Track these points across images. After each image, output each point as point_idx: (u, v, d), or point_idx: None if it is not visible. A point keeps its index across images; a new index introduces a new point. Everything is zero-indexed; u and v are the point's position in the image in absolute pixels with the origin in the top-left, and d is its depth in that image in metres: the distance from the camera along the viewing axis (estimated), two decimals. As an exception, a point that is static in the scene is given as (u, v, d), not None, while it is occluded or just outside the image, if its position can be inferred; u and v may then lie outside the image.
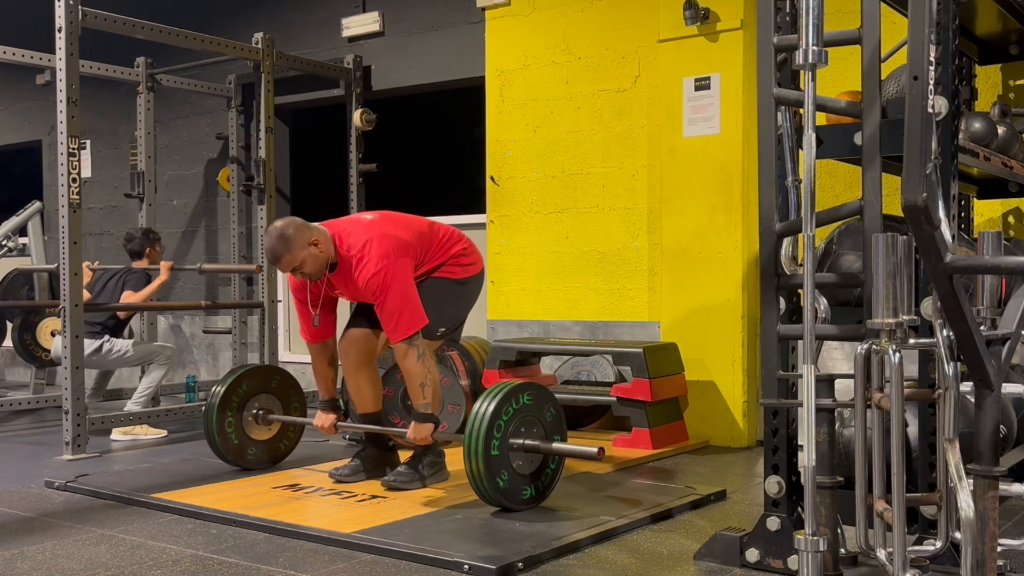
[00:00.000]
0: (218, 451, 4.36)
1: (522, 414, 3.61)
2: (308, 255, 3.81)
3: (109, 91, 7.59)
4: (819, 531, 2.39)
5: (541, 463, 3.68)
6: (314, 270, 3.86)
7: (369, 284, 3.79)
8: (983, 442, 2.15)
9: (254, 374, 4.53)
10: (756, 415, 5.09)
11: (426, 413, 3.88)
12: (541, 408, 3.70)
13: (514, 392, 3.61)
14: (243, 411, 4.40)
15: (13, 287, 6.95)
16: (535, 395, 3.68)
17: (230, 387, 4.38)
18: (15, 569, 2.99)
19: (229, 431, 4.35)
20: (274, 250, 3.79)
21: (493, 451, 3.50)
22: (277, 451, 4.55)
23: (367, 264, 3.80)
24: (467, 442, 3.50)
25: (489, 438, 3.49)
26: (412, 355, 3.82)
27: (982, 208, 4.81)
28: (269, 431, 4.51)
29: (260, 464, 4.48)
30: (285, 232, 3.79)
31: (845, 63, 4.25)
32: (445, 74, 6.50)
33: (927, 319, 2.65)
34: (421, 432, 3.88)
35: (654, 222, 5.50)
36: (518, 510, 3.58)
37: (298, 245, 3.79)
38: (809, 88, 2.44)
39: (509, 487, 3.54)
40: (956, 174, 2.87)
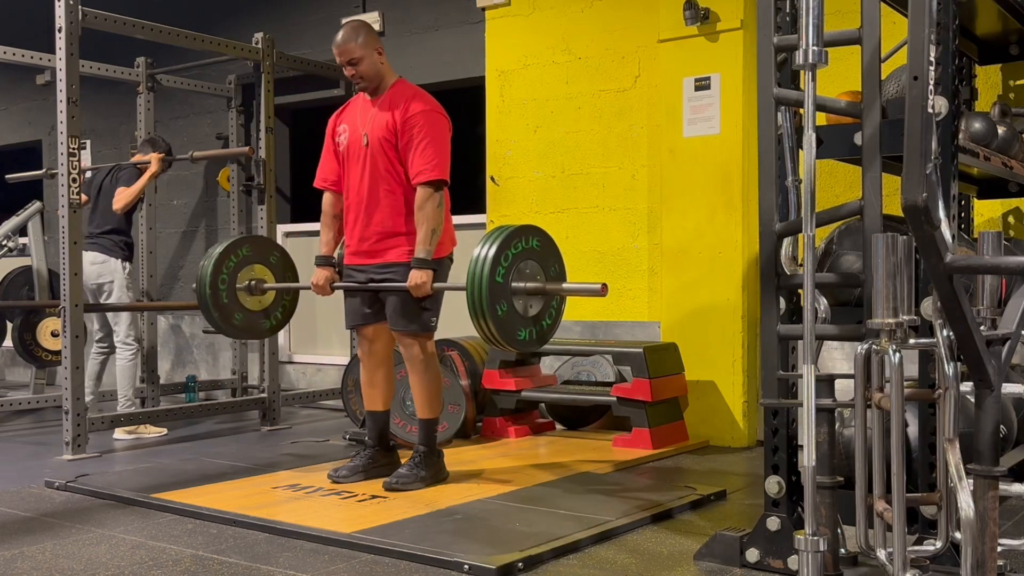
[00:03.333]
0: (206, 305, 4.21)
1: (529, 256, 3.61)
2: (369, 56, 3.94)
3: (109, 91, 7.59)
4: (819, 531, 2.40)
5: (539, 311, 3.65)
6: (367, 72, 3.95)
7: (418, 116, 3.89)
8: (983, 442, 2.15)
9: (257, 242, 4.43)
10: (756, 415, 5.09)
11: (428, 259, 3.86)
12: (547, 259, 3.68)
13: (525, 232, 3.62)
14: (238, 273, 4.28)
15: (13, 287, 6.95)
16: (544, 243, 3.68)
17: (231, 246, 4.27)
18: (15, 569, 2.99)
19: (221, 288, 4.21)
20: (344, 35, 3.95)
21: (498, 278, 3.47)
22: (260, 327, 4.43)
23: (424, 100, 3.94)
24: (472, 265, 3.46)
25: (496, 264, 3.46)
26: (435, 200, 3.87)
27: (982, 208, 4.81)
28: (259, 303, 4.39)
29: (242, 334, 4.40)
30: (360, 28, 3.99)
31: (845, 63, 4.25)
32: (445, 74, 6.50)
33: (927, 319, 2.65)
34: (421, 277, 3.84)
35: (654, 222, 5.50)
36: (512, 347, 3.57)
37: (368, 43, 3.94)
38: (809, 88, 2.44)
39: (506, 319, 3.50)
40: (956, 174, 2.87)
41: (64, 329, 4.91)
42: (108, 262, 5.57)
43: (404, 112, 3.90)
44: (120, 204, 5.61)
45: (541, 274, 3.65)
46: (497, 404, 5.25)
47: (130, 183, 5.69)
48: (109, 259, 5.57)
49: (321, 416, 6.44)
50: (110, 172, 5.82)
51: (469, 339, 5.48)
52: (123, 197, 5.62)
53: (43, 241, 6.77)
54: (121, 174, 5.75)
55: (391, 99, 3.98)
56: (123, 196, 5.62)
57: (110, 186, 5.72)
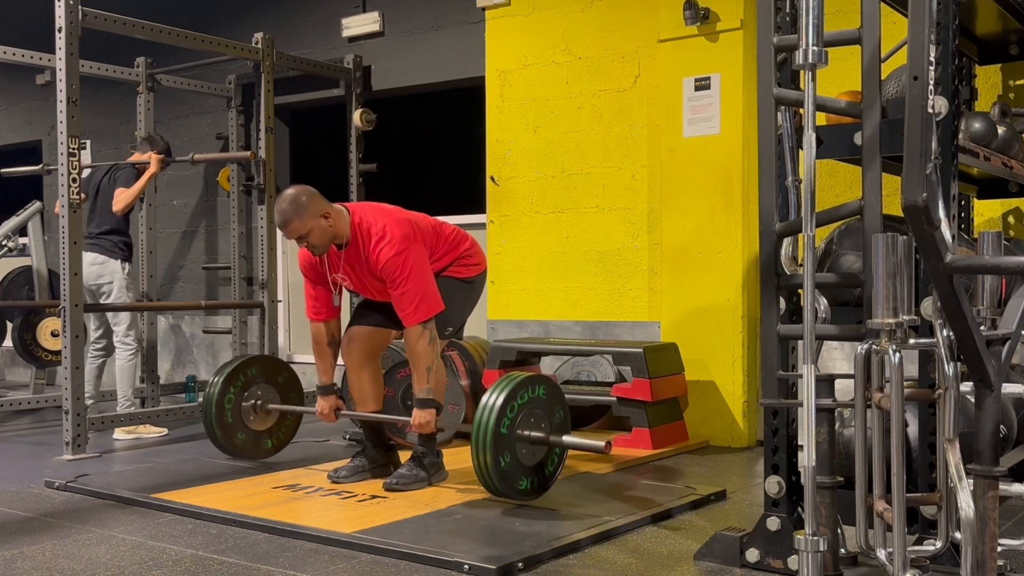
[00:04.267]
0: (210, 422, 4.28)
1: (534, 406, 3.63)
2: (317, 225, 3.79)
3: (109, 91, 7.59)
4: (819, 531, 2.40)
5: (542, 459, 3.68)
6: (320, 242, 3.84)
7: (388, 265, 3.79)
8: (983, 442, 2.15)
9: (266, 363, 4.50)
10: (756, 415, 5.09)
11: (429, 398, 3.88)
12: (552, 407, 3.71)
13: (532, 381, 3.64)
14: (245, 392, 4.35)
15: (13, 287, 6.95)
16: (550, 392, 3.71)
17: (241, 366, 4.34)
18: (15, 569, 2.99)
19: (227, 407, 4.29)
20: (284, 214, 3.78)
21: (503, 428, 3.49)
22: (263, 447, 4.53)
23: (387, 244, 3.80)
24: (479, 414, 3.49)
25: (501, 415, 3.48)
26: (425, 338, 3.83)
27: (982, 208, 4.81)
28: (262, 423, 4.48)
29: (243, 453, 4.46)
30: (299, 199, 3.79)
31: (845, 63, 4.25)
32: (445, 74, 6.50)
33: (927, 319, 2.65)
34: (424, 417, 3.87)
35: (654, 222, 5.50)
36: (511, 499, 3.59)
37: (309, 213, 3.78)
38: (809, 88, 2.44)
39: (508, 471, 3.54)
40: (956, 174, 2.87)
41: (64, 329, 4.91)
42: (107, 263, 5.57)
43: (376, 265, 3.85)
44: (120, 206, 5.60)
45: (546, 422, 3.69)
46: (497, 404, 5.24)
47: (129, 184, 5.66)
48: (108, 260, 5.56)
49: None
50: (108, 172, 5.80)
51: (469, 339, 5.48)
52: (123, 198, 5.60)
53: (43, 241, 6.77)
54: (119, 174, 5.73)
55: (359, 250, 3.89)
56: (123, 197, 5.60)
57: (108, 186, 5.70)
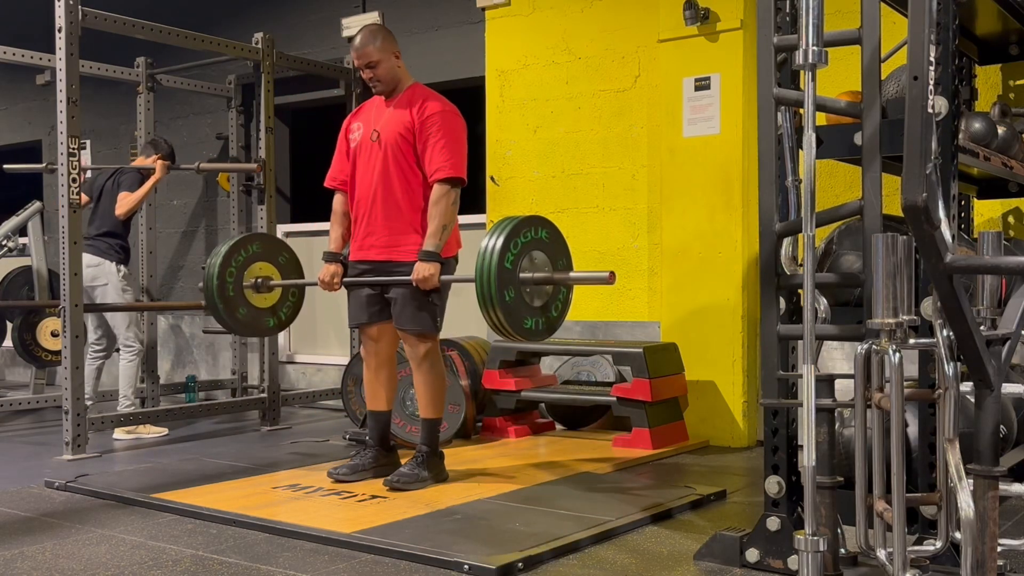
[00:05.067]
0: (211, 296, 4.21)
1: (537, 247, 3.62)
2: (387, 60, 4.00)
3: (109, 91, 7.59)
4: (819, 531, 2.40)
5: (547, 302, 3.66)
6: (384, 75, 4.01)
7: (435, 116, 3.93)
8: (983, 442, 2.15)
9: (266, 240, 4.43)
10: (756, 415, 5.09)
11: (435, 252, 3.86)
12: (555, 251, 3.69)
13: (533, 222, 3.64)
14: (246, 269, 4.29)
15: (13, 287, 6.95)
16: (552, 235, 3.70)
17: (241, 241, 4.27)
18: (15, 569, 2.99)
19: (229, 281, 4.22)
20: (363, 38, 3.99)
21: (507, 263, 3.47)
22: (264, 324, 4.42)
23: (442, 102, 3.99)
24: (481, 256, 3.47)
25: (505, 251, 3.47)
26: (449, 198, 3.91)
27: (982, 208, 4.81)
28: (264, 300, 4.38)
29: (245, 329, 4.40)
30: (378, 32, 4.05)
31: (845, 63, 4.25)
32: (445, 74, 6.49)
33: (927, 319, 2.65)
34: (427, 269, 3.84)
35: (654, 222, 5.50)
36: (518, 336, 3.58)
37: (386, 47, 4.00)
38: (809, 88, 2.44)
39: (513, 307, 3.51)
40: (956, 174, 2.87)
41: (64, 329, 4.91)
42: (103, 264, 5.56)
43: (421, 112, 3.94)
44: (123, 210, 5.61)
45: (549, 265, 3.67)
46: (497, 404, 5.25)
47: (133, 188, 5.67)
48: (104, 262, 5.55)
49: (321, 416, 6.44)
50: (112, 175, 5.80)
51: (469, 339, 5.48)
52: (127, 203, 5.60)
53: (43, 241, 6.77)
54: (123, 178, 5.73)
55: (408, 100, 4.02)
56: (127, 202, 5.61)
57: (112, 189, 5.70)
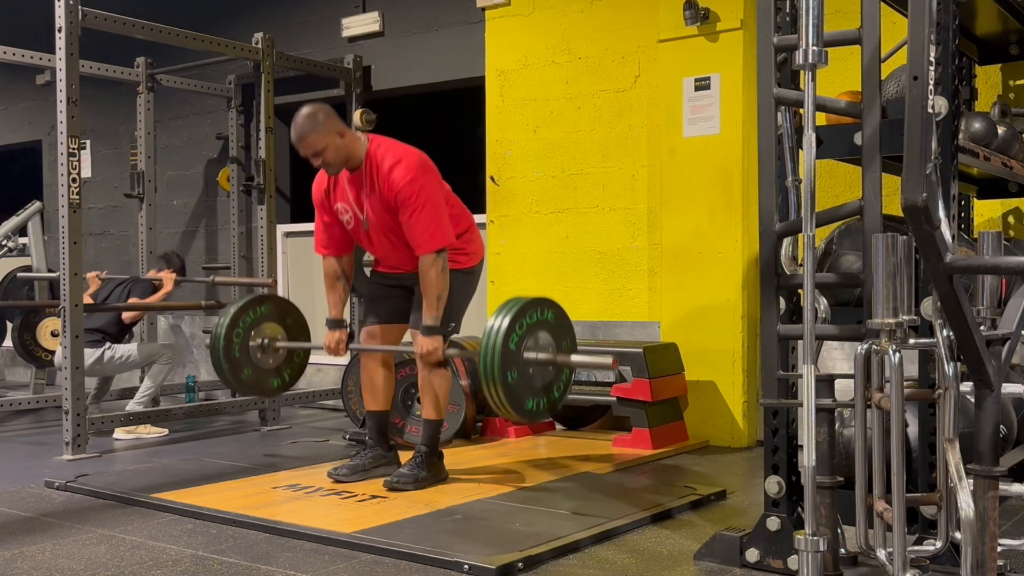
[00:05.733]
0: (217, 356, 4.22)
1: (542, 328, 3.62)
2: (332, 142, 3.82)
3: (109, 91, 7.58)
4: (819, 531, 2.40)
5: (549, 382, 3.67)
6: (335, 161, 3.86)
7: (404, 191, 3.80)
8: (983, 442, 2.15)
9: (275, 303, 4.46)
10: (756, 415, 5.09)
11: (437, 326, 3.87)
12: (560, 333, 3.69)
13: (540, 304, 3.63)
14: (253, 330, 4.31)
15: (13, 287, 6.95)
16: (557, 316, 3.69)
17: (250, 303, 4.28)
18: (15, 569, 2.99)
19: (235, 341, 4.25)
20: (301, 128, 3.81)
21: (511, 345, 3.48)
22: (268, 385, 4.43)
23: (403, 169, 3.82)
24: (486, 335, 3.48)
25: (510, 332, 3.47)
26: (437, 266, 3.84)
27: (982, 208, 4.81)
28: (270, 362, 4.41)
29: (248, 389, 4.41)
30: (316, 115, 3.83)
31: (845, 63, 4.25)
32: (445, 74, 6.50)
33: (927, 319, 2.65)
34: (431, 344, 3.86)
35: (654, 222, 5.50)
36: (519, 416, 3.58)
37: (326, 129, 3.81)
38: (809, 88, 2.44)
39: (516, 388, 3.51)
40: (956, 174, 2.87)
41: (64, 329, 4.91)
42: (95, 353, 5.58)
43: (390, 189, 3.84)
44: (130, 315, 5.78)
45: (553, 346, 3.68)
46: (497, 404, 5.24)
47: (143, 297, 5.87)
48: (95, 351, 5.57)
49: (321, 416, 6.44)
50: (124, 283, 5.98)
51: (469, 339, 5.48)
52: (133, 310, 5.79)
53: (43, 241, 6.77)
54: (135, 286, 5.93)
55: (372, 176, 3.89)
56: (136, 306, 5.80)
57: (120, 295, 5.87)
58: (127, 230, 7.97)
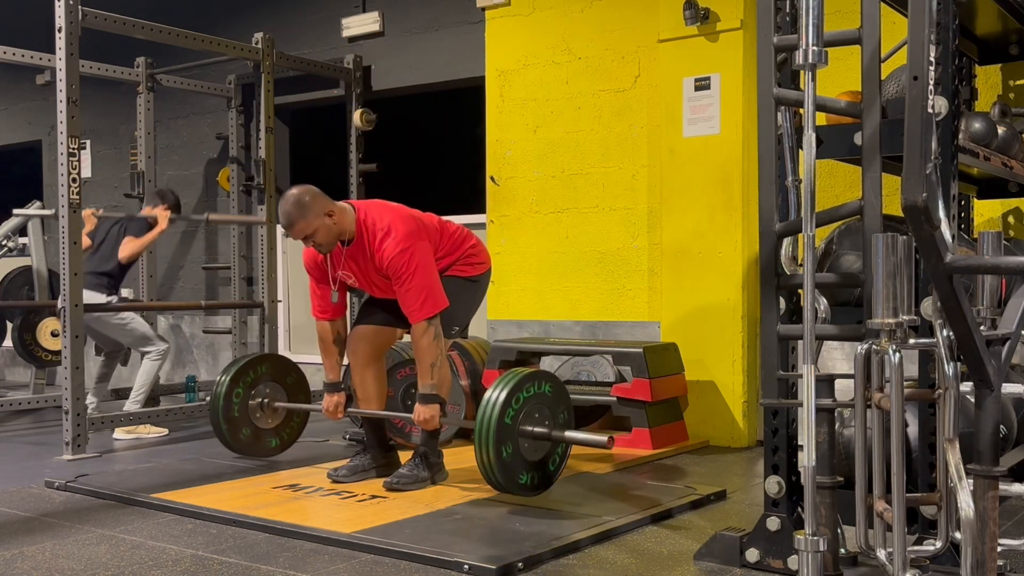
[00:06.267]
0: (216, 416, 4.26)
1: (539, 402, 3.64)
2: (322, 224, 3.81)
3: (109, 91, 7.58)
4: (819, 531, 2.40)
5: (545, 456, 3.68)
6: (326, 241, 3.86)
7: (394, 261, 3.80)
8: (983, 442, 2.15)
9: (275, 362, 4.50)
10: (756, 415, 5.09)
11: (433, 394, 3.88)
12: (557, 405, 3.71)
13: (537, 377, 3.65)
14: (253, 390, 4.34)
15: (13, 287, 6.95)
16: (555, 389, 3.71)
17: (251, 362, 4.32)
18: (15, 569, 2.99)
19: (235, 401, 4.28)
20: (289, 215, 3.80)
21: (507, 419, 3.49)
22: (266, 445, 4.51)
23: (392, 240, 3.81)
24: (483, 407, 3.49)
25: (506, 407, 3.48)
26: (430, 334, 3.84)
27: (982, 208, 4.81)
28: (268, 422, 4.47)
29: (247, 450, 4.46)
30: (302, 199, 3.80)
31: (845, 63, 4.25)
32: (445, 74, 6.50)
33: (927, 319, 2.65)
34: (427, 412, 3.87)
35: (654, 222, 5.50)
36: (512, 495, 3.59)
37: (313, 213, 3.79)
38: (809, 88, 2.44)
39: (510, 463, 3.53)
40: (956, 174, 2.87)
41: (64, 329, 4.91)
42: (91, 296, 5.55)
43: (382, 261, 3.85)
44: (126, 254, 5.69)
45: (550, 420, 3.69)
46: (497, 404, 5.24)
47: (139, 235, 5.76)
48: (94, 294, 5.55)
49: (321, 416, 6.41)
50: (119, 221, 5.90)
51: (469, 339, 5.48)
52: (131, 247, 5.68)
53: (43, 241, 6.77)
54: (131, 224, 5.83)
55: (364, 246, 3.90)
56: (131, 247, 5.69)
57: (117, 234, 5.79)
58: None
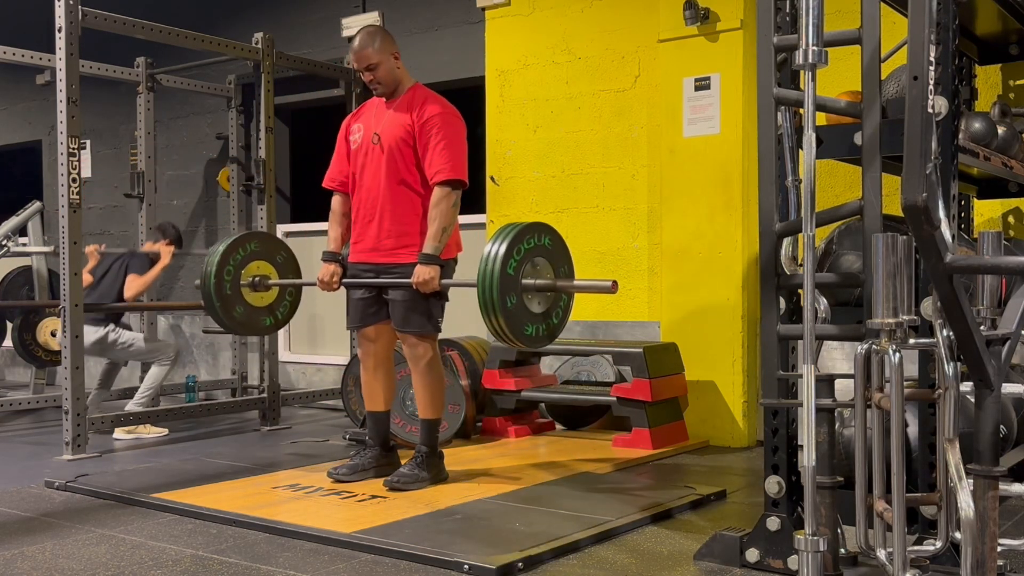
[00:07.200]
0: (208, 294, 4.19)
1: (539, 253, 3.62)
2: (387, 61, 4.00)
3: (109, 91, 7.58)
4: (819, 531, 2.40)
5: (548, 308, 3.66)
6: (385, 77, 4.00)
7: (435, 118, 3.93)
8: (983, 442, 2.15)
9: (264, 239, 4.42)
10: (756, 415, 5.09)
11: (435, 255, 3.86)
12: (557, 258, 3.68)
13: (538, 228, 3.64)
14: (243, 267, 4.27)
15: (13, 287, 6.95)
16: (555, 242, 3.69)
17: (239, 239, 4.25)
18: (15, 569, 2.99)
19: (226, 279, 4.20)
20: (361, 40, 3.99)
21: (509, 270, 3.47)
22: (260, 323, 4.41)
23: (441, 105, 3.99)
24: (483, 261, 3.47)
25: (507, 258, 3.47)
26: (450, 200, 3.91)
27: (982, 208, 4.81)
28: (261, 299, 4.36)
29: (241, 328, 4.39)
30: (376, 33, 4.05)
31: (845, 63, 4.25)
32: (445, 74, 6.49)
33: (927, 319, 2.65)
34: (428, 272, 3.83)
35: (654, 222, 5.50)
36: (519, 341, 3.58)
37: (384, 48, 4.00)
38: (809, 88, 2.44)
39: (515, 313, 3.51)
40: (956, 174, 2.87)
41: (64, 329, 4.91)
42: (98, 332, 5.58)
43: (421, 114, 3.94)
44: (132, 293, 5.73)
45: (551, 272, 3.67)
46: (497, 404, 5.25)
47: (142, 271, 5.80)
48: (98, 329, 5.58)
49: (321, 416, 6.44)
50: (121, 257, 5.93)
51: (469, 339, 5.48)
52: (136, 285, 5.74)
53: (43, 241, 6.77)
54: (133, 261, 5.87)
55: (408, 102, 4.02)
56: (135, 286, 5.74)
57: (118, 270, 5.82)
58: (127, 230, 7.97)
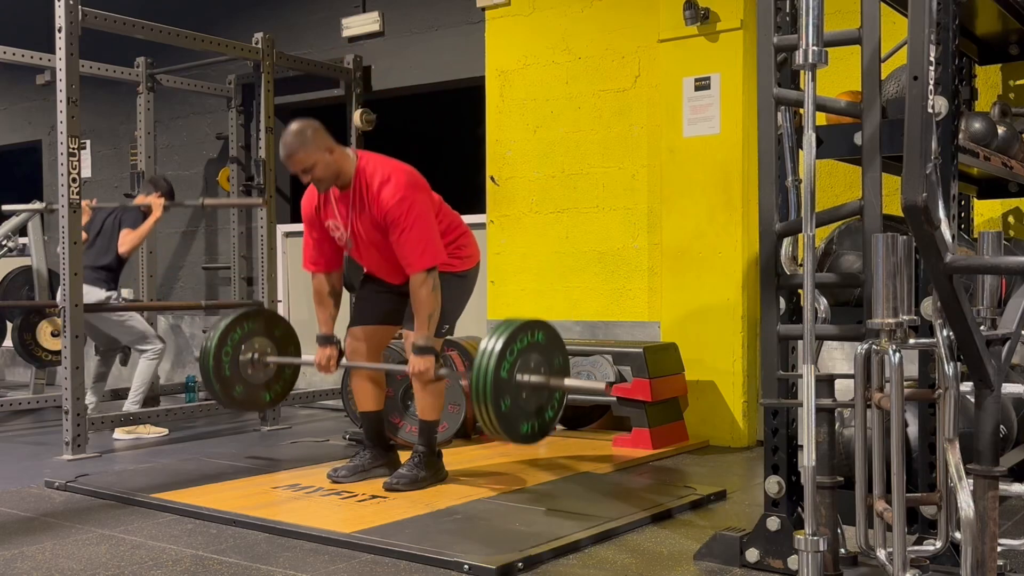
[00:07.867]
0: (208, 375, 4.21)
1: (534, 350, 3.60)
2: (321, 159, 3.80)
3: (109, 91, 7.58)
4: (819, 531, 2.40)
5: (542, 404, 3.65)
6: (324, 176, 3.83)
7: (393, 210, 3.78)
8: (983, 442, 2.15)
9: (262, 316, 4.45)
10: (756, 415, 5.09)
11: (428, 346, 3.85)
12: (551, 353, 3.67)
13: (531, 327, 3.61)
14: (242, 345, 4.30)
15: (13, 287, 6.95)
16: (549, 337, 3.67)
17: (237, 319, 4.28)
18: (15, 569, 2.99)
19: (225, 360, 4.24)
20: (289, 146, 3.80)
21: (503, 372, 3.46)
22: (260, 400, 4.43)
23: (392, 187, 3.79)
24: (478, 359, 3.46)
25: (501, 359, 3.46)
26: (428, 285, 3.82)
27: (982, 208, 4.81)
28: (260, 377, 4.39)
29: (241, 406, 4.40)
30: (304, 131, 3.82)
31: (845, 63, 4.25)
32: (445, 74, 6.50)
33: (927, 319, 2.65)
34: (423, 363, 3.83)
35: (654, 222, 5.50)
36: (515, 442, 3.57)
37: (314, 146, 3.80)
38: (809, 88, 2.44)
39: (509, 415, 3.50)
40: (956, 174, 2.87)
41: (64, 329, 4.91)
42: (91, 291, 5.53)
43: (380, 208, 3.82)
44: (126, 247, 5.69)
45: (545, 367, 3.66)
46: (497, 404, 5.24)
47: (135, 226, 5.74)
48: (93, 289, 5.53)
49: (321, 416, 6.44)
50: (113, 212, 5.87)
51: (469, 339, 5.48)
52: (130, 240, 5.68)
53: (43, 241, 6.77)
54: (126, 215, 5.80)
55: (360, 195, 3.87)
56: (130, 239, 5.68)
57: (112, 226, 5.76)
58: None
